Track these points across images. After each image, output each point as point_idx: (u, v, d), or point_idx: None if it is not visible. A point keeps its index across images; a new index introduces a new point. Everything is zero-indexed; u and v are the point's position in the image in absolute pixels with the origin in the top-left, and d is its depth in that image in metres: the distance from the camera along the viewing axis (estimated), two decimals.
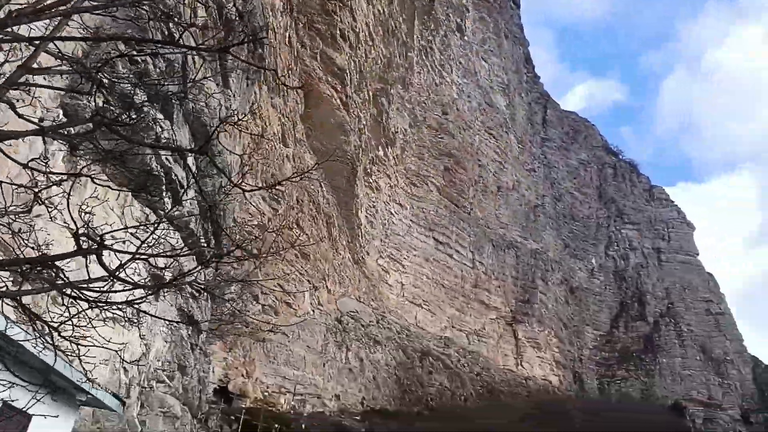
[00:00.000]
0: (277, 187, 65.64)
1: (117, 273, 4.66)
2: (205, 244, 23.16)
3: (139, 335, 17.99)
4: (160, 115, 16.66)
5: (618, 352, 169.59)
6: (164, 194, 18.27)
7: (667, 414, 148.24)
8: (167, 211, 18.26)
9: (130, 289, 4.91)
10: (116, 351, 5.99)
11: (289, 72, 68.04)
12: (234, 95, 24.92)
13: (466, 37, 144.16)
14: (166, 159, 17.70)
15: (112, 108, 10.42)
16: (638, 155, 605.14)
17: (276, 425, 62.43)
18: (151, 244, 5.24)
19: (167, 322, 19.19)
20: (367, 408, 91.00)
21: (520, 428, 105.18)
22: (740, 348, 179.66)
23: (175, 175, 18.46)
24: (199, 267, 6.69)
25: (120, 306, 5.25)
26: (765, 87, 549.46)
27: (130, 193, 17.18)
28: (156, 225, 5.89)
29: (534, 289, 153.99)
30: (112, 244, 4.78)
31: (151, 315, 6.90)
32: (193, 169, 19.79)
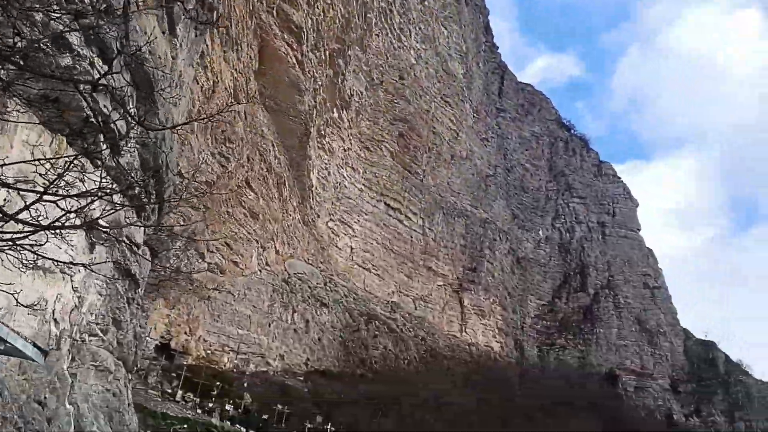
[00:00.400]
0: (227, 144, 64.39)
1: (17, 214, 4.36)
2: (146, 197, 22.54)
3: (72, 287, 17.51)
4: (98, 60, 15.91)
5: (559, 321, 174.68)
6: (102, 143, 17.58)
7: (602, 382, 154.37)
8: (104, 160, 17.63)
9: (32, 232, 4.61)
10: (12, 294, 5.70)
11: (244, 27, 66.30)
12: (181, 45, 23.98)
13: (426, 2, 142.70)
14: (104, 106, 17.00)
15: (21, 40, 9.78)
16: (591, 131, 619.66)
17: (218, 383, 62.42)
18: (59, 185, 4.93)
19: (103, 276, 18.68)
20: (310, 369, 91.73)
21: (462, 393, 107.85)
22: (673, 321, 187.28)
23: (114, 122, 17.75)
24: (110, 209, 6.37)
25: (18, 248, 4.95)
26: (715, 70, 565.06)
27: (65, 140, 16.47)
28: (68, 165, 5.56)
29: (481, 258, 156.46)
30: (15, 183, 4.45)
31: (55, 260, 6.62)
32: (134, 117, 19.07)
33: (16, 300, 6.23)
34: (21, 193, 4.89)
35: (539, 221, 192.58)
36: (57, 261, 7.20)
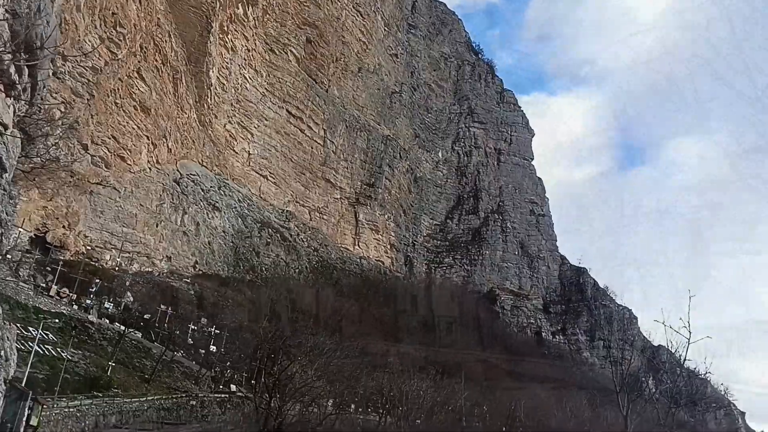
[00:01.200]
0: (118, 29, 59.72)
1: None
2: (17, 74, 20.38)
3: None
4: None
5: (449, 241, 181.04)
6: None
7: (482, 299, 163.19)
8: None
9: None
10: None
11: None
12: None
13: None
14: None
15: None
16: (500, 59, 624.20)
17: (97, 280, 60.20)
18: None
19: None
20: (199, 272, 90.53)
21: (351, 304, 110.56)
22: (553, 247, 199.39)
23: None
24: None
25: None
26: (624, 11, 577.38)
27: None
28: None
29: (380, 174, 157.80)
30: None
31: None
32: None
33: None
34: None
35: (440, 143, 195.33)
36: None
